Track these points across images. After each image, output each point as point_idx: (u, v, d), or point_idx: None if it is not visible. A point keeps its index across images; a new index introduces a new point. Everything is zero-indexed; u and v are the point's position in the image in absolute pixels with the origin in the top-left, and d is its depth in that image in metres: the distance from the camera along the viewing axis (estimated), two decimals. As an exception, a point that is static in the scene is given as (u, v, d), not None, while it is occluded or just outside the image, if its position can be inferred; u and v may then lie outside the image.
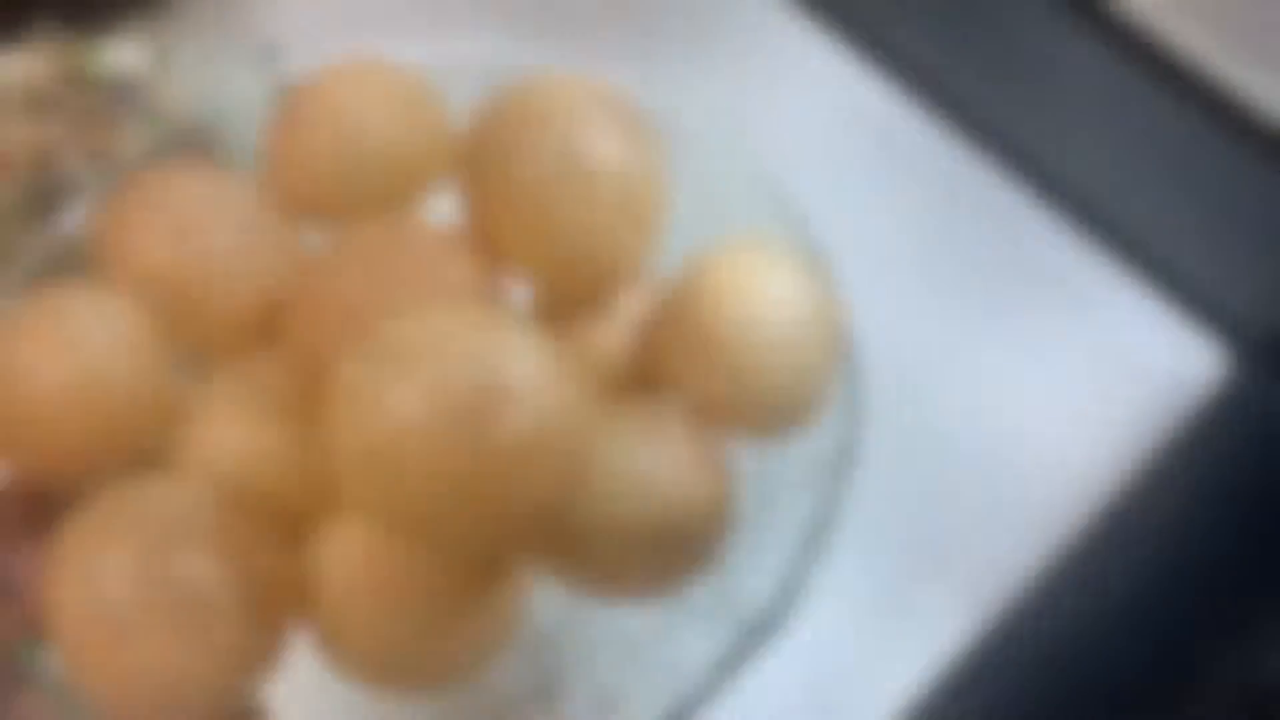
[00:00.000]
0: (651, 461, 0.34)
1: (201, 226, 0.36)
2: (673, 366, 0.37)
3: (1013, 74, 0.77)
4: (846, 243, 0.69)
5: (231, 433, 0.35)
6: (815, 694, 0.53)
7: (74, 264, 0.38)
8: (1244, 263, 0.70)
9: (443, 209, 0.41)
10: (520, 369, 0.28)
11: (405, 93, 0.39)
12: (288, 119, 0.39)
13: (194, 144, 0.43)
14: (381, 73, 0.40)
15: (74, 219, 0.40)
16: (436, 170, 0.40)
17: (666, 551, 0.35)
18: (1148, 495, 0.60)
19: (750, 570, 0.38)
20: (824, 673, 0.53)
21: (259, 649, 0.31)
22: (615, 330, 0.39)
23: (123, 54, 0.64)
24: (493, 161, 0.36)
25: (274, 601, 0.31)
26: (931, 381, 0.61)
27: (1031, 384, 0.61)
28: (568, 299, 0.39)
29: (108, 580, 0.29)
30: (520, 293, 0.39)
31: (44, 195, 0.60)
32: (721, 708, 0.55)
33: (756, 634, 0.37)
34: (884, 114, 0.70)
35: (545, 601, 0.37)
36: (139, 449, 0.35)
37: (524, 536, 0.31)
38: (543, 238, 0.35)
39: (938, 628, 0.54)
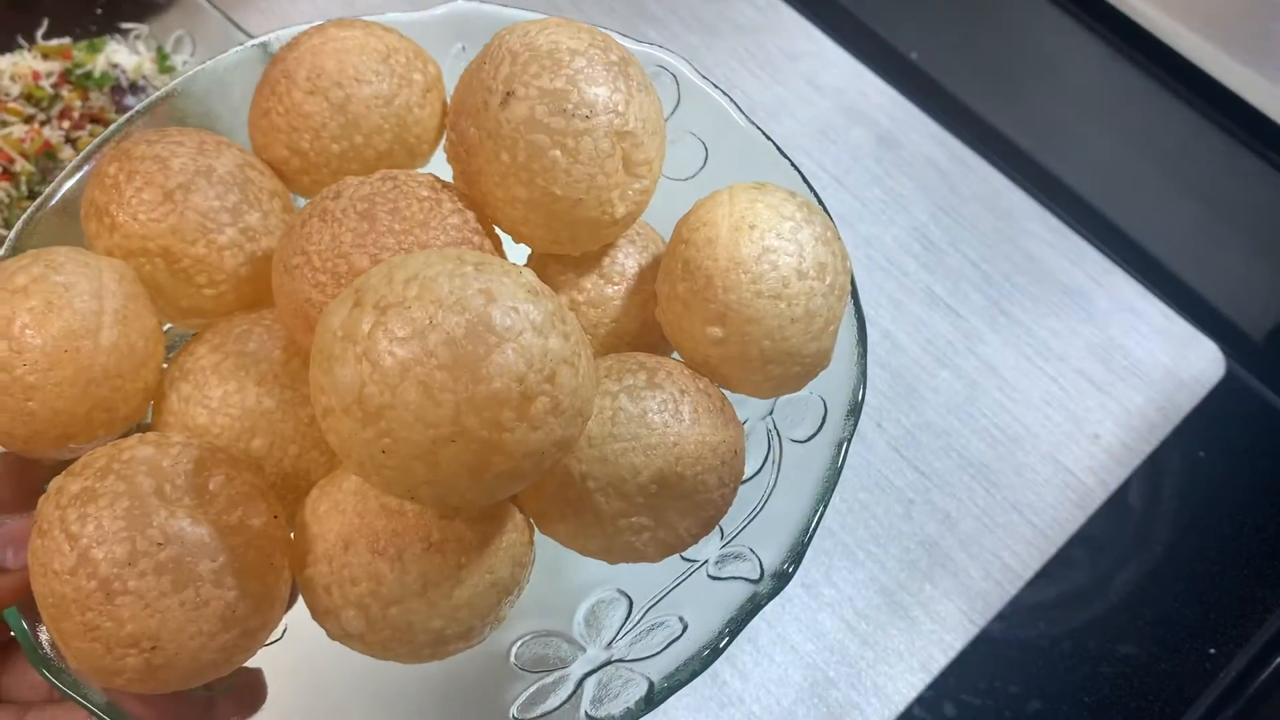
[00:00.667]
0: (656, 411, 0.33)
1: (189, 189, 0.35)
2: (676, 316, 0.35)
3: (1013, 74, 0.77)
4: (846, 243, 0.69)
5: (219, 392, 0.34)
6: (816, 694, 0.53)
7: (64, 231, 0.37)
8: (1242, 263, 0.70)
9: (435, 160, 0.39)
10: (511, 312, 0.27)
11: (391, 47, 0.38)
12: (275, 80, 0.38)
13: (180, 109, 0.41)
14: (367, 30, 0.39)
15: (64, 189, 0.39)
16: (427, 122, 0.39)
17: (671, 505, 0.33)
18: (1146, 492, 0.60)
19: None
20: (825, 673, 0.53)
21: (251, 612, 0.29)
22: (615, 281, 0.38)
23: (122, 54, 0.64)
24: (482, 107, 0.34)
25: (266, 563, 0.30)
26: (932, 381, 0.61)
27: (1031, 384, 0.61)
28: (561, 246, 0.37)
29: (93, 543, 0.28)
30: (517, 244, 0.38)
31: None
32: (725, 707, 0.55)
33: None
34: (884, 114, 0.70)
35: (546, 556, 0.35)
36: (127, 412, 0.34)
37: (520, 486, 0.29)
38: (534, 182, 0.33)
39: (938, 628, 0.54)
